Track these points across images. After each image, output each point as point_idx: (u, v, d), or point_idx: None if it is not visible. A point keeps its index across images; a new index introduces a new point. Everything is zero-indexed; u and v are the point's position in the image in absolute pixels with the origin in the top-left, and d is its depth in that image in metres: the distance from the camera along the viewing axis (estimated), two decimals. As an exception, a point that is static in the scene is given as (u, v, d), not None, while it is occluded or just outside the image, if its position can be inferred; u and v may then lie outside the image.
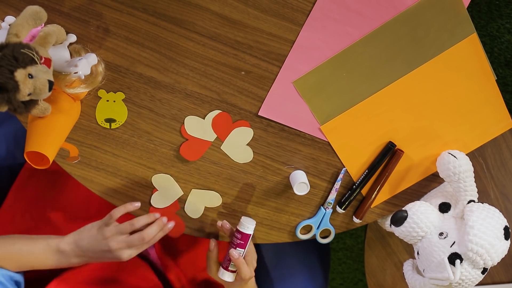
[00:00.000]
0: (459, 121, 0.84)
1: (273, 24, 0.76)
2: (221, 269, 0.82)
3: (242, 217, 0.82)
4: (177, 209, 0.87)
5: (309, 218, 0.90)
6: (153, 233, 0.78)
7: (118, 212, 0.78)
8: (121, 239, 0.76)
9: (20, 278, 0.77)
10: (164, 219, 0.82)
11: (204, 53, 0.78)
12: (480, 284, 0.98)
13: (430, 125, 0.84)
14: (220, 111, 0.81)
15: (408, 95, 0.81)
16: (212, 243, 0.84)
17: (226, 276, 0.82)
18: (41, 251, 0.77)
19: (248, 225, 0.80)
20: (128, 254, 0.77)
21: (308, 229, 0.91)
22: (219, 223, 0.84)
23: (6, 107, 0.61)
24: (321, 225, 0.90)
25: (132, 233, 0.77)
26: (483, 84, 0.82)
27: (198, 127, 0.82)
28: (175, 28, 0.76)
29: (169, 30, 0.76)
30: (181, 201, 0.87)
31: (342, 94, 0.81)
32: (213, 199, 0.87)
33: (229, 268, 0.82)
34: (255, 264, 0.85)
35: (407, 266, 0.82)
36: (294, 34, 0.77)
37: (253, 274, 0.83)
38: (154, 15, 0.75)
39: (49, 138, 0.71)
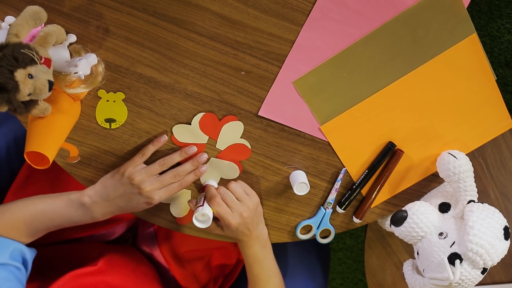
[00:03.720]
0: (459, 121, 0.84)
1: (273, 24, 0.76)
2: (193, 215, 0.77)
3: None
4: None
5: (309, 218, 0.90)
6: (186, 171, 0.75)
7: (148, 150, 0.76)
8: (153, 179, 0.73)
9: (30, 257, 0.75)
10: (201, 157, 0.77)
11: (204, 53, 0.78)
12: (480, 284, 0.98)
13: (430, 125, 0.84)
14: (204, 112, 0.81)
15: (408, 95, 0.81)
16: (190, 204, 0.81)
17: (198, 222, 0.76)
18: (64, 207, 0.74)
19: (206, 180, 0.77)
20: (159, 195, 0.74)
21: (308, 229, 0.92)
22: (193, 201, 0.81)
23: (6, 107, 0.61)
24: (321, 225, 0.90)
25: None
26: (483, 84, 0.82)
27: (188, 133, 0.82)
28: (175, 28, 0.76)
29: (169, 30, 0.76)
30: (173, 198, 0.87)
31: (342, 94, 0.81)
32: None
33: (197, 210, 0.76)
34: (233, 206, 0.78)
35: (407, 266, 0.82)
36: (294, 34, 0.77)
37: (240, 218, 0.77)
38: (154, 15, 0.76)
39: (49, 138, 0.71)
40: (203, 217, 0.77)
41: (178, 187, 0.77)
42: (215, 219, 0.79)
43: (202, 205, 0.77)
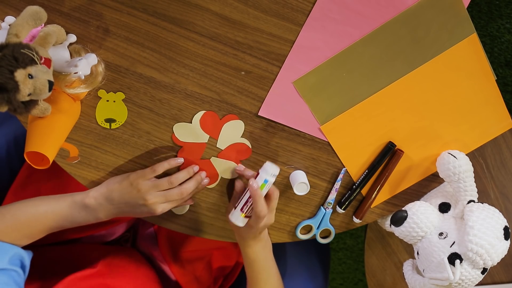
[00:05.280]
0: (459, 121, 0.84)
1: (273, 24, 0.76)
2: (234, 211, 0.76)
3: (267, 162, 0.75)
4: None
5: (309, 218, 0.90)
6: (191, 189, 0.79)
7: (162, 167, 0.78)
8: (159, 193, 0.76)
9: (27, 260, 0.75)
10: (203, 174, 0.82)
11: (204, 53, 0.78)
12: (480, 284, 0.98)
13: (430, 125, 0.84)
14: (204, 111, 0.81)
15: (408, 95, 0.81)
16: (238, 184, 0.81)
17: (237, 219, 0.75)
18: (68, 208, 0.75)
19: (272, 172, 0.73)
20: (162, 208, 0.77)
21: (308, 229, 0.92)
22: (240, 167, 0.82)
23: (6, 107, 0.61)
24: (321, 225, 0.90)
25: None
26: (483, 84, 0.82)
27: (188, 132, 0.82)
28: (175, 28, 0.76)
29: (169, 30, 0.76)
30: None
31: (342, 94, 0.81)
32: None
33: (243, 210, 0.75)
34: (274, 209, 0.78)
35: (407, 266, 0.82)
36: (294, 34, 0.77)
37: (270, 219, 0.78)
38: (154, 15, 0.76)
39: (49, 138, 0.71)
40: (243, 218, 0.76)
41: (179, 202, 0.80)
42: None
43: (242, 208, 0.76)
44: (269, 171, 0.73)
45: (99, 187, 0.78)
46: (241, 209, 0.75)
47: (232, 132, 0.83)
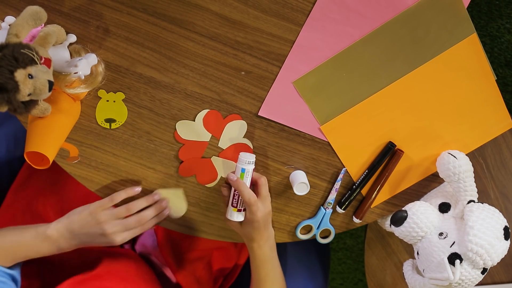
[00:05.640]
0: (459, 121, 0.84)
1: (273, 24, 0.76)
2: (229, 209, 0.77)
3: (240, 153, 0.76)
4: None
5: (309, 218, 0.90)
6: (150, 216, 0.78)
7: (119, 196, 0.78)
8: (117, 222, 0.76)
9: (17, 275, 0.77)
10: (164, 203, 0.81)
11: (204, 53, 0.78)
12: (480, 284, 0.98)
13: (430, 125, 0.84)
14: (208, 110, 0.81)
15: (408, 95, 0.81)
16: (224, 188, 0.79)
17: (231, 215, 0.76)
18: (31, 239, 0.76)
19: (246, 160, 0.75)
20: (122, 237, 0.77)
21: (308, 229, 0.92)
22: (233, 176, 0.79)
23: (6, 107, 0.61)
24: (321, 225, 0.90)
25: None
26: (483, 84, 0.82)
27: (191, 129, 0.82)
28: (175, 28, 0.76)
29: (169, 30, 0.76)
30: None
31: (342, 94, 0.81)
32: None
33: (233, 205, 0.76)
34: (266, 195, 0.77)
35: (407, 266, 0.82)
36: (294, 34, 0.77)
37: (266, 206, 0.77)
38: (154, 15, 0.76)
39: (49, 138, 0.71)
40: (237, 212, 0.77)
41: (140, 230, 0.79)
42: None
43: (234, 204, 0.76)
44: (243, 160, 0.75)
45: (62, 218, 0.78)
46: (232, 204, 0.76)
47: (235, 132, 0.83)
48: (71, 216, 0.77)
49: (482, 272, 0.73)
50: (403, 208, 0.79)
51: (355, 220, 0.90)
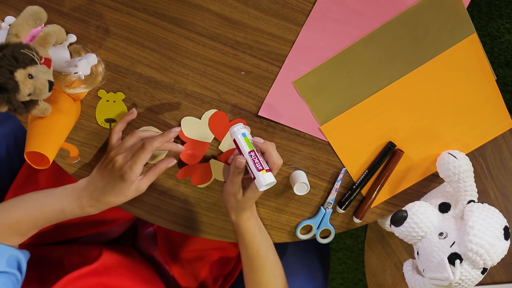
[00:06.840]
0: (459, 121, 0.84)
1: (273, 24, 0.76)
2: (257, 179, 0.70)
3: (231, 128, 0.74)
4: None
5: (309, 218, 0.90)
6: (156, 144, 0.72)
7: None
8: (125, 152, 0.72)
9: (23, 258, 0.74)
10: (180, 146, 0.76)
11: (204, 53, 0.78)
12: (480, 284, 0.98)
13: (430, 125, 0.84)
14: (216, 110, 0.81)
15: (408, 95, 0.81)
16: (238, 157, 0.73)
17: (265, 178, 0.70)
18: (57, 194, 0.73)
19: (236, 130, 0.73)
20: (134, 170, 0.71)
21: (308, 229, 0.92)
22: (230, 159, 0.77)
23: (6, 107, 0.61)
24: (321, 225, 0.90)
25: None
26: (483, 84, 0.82)
27: (195, 128, 0.82)
28: (175, 28, 0.76)
29: (169, 30, 0.76)
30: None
31: (342, 94, 0.81)
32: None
33: (263, 168, 0.70)
34: (273, 153, 0.73)
35: (407, 266, 0.82)
36: (294, 34, 0.77)
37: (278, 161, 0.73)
38: (154, 15, 0.76)
39: (49, 138, 0.71)
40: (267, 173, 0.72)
41: (145, 153, 0.72)
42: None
43: (259, 166, 0.71)
44: (238, 128, 0.73)
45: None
46: (258, 170, 0.71)
47: None
48: (93, 172, 0.75)
49: (482, 272, 0.73)
50: (403, 208, 0.79)
51: (355, 220, 0.90)
